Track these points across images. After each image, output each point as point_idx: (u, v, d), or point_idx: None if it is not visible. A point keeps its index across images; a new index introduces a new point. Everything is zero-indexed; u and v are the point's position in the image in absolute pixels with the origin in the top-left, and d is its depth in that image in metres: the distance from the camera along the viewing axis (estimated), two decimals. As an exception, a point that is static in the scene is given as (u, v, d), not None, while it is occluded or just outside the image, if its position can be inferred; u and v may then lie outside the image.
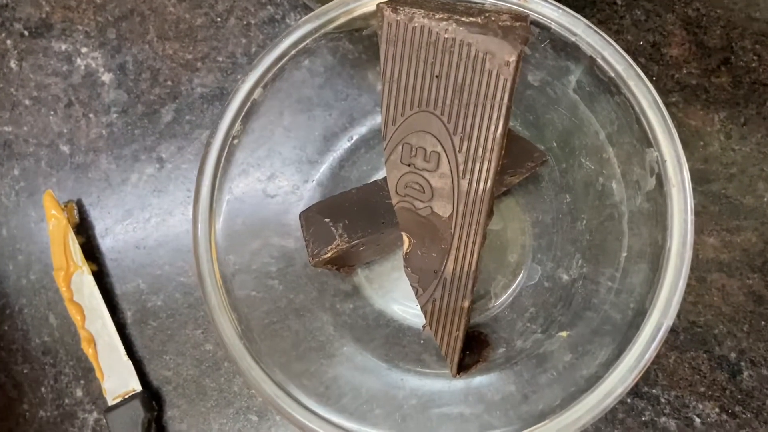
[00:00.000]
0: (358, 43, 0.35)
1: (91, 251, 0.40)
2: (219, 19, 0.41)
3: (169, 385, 0.39)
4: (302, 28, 0.30)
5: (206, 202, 0.30)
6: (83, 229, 0.41)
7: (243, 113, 0.31)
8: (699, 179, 0.36)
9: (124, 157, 0.41)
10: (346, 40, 0.34)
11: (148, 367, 0.39)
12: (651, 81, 0.37)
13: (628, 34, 0.38)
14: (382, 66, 0.28)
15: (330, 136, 0.38)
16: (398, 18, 0.27)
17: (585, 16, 0.38)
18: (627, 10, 0.38)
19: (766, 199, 0.36)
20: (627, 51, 0.37)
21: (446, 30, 0.26)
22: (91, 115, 0.42)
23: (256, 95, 0.31)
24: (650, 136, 0.27)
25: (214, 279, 0.29)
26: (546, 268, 0.36)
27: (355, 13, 0.31)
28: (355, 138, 0.39)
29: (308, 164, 0.38)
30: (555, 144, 0.35)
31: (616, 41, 0.38)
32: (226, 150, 0.30)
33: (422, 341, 0.36)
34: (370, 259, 0.38)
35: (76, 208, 0.41)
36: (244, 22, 0.41)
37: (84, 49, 0.43)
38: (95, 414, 0.39)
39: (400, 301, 0.37)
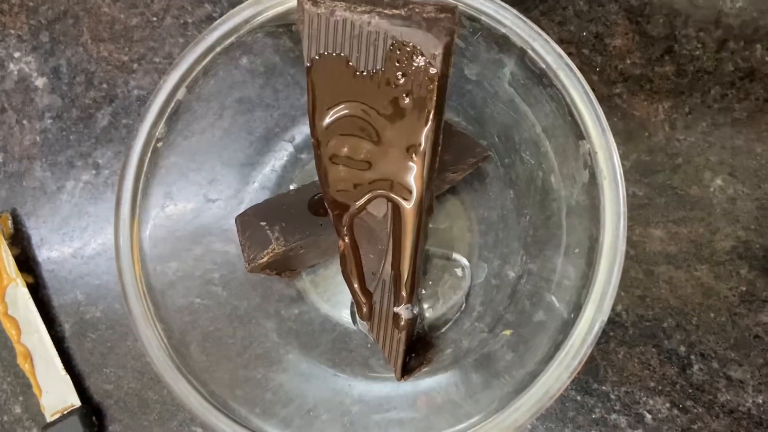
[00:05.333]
0: (299, 41, 0.34)
1: (27, 262, 0.39)
2: (155, 19, 0.40)
3: (111, 399, 0.37)
4: (227, 23, 0.29)
5: (128, 211, 0.29)
6: (18, 240, 0.39)
7: (167, 114, 0.30)
8: (644, 170, 0.36)
9: (60, 164, 0.39)
10: (286, 38, 0.33)
11: (88, 380, 0.38)
12: (594, 72, 0.37)
13: (570, 24, 0.37)
14: (305, 62, 0.27)
15: (271, 136, 0.37)
16: (319, 12, 0.26)
17: (527, 8, 0.38)
18: (569, 1, 0.37)
19: (712, 189, 0.35)
20: (570, 42, 0.37)
21: (369, 23, 0.25)
22: (24, 122, 0.40)
23: (180, 95, 0.29)
24: (582, 127, 0.26)
25: (137, 290, 0.28)
26: (493, 266, 0.35)
27: (285, 6, 0.30)
28: (297, 138, 0.38)
29: (249, 166, 0.37)
30: (497, 139, 0.34)
31: (558, 32, 0.37)
32: (149, 153, 0.29)
33: (369, 345, 0.36)
34: (314, 263, 0.37)
35: (10, 218, 0.39)
36: (181, 21, 0.40)
37: (16, 54, 0.41)
38: (35, 431, 0.38)
39: (346, 305, 0.36)
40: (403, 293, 0.30)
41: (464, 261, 0.36)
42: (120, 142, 0.39)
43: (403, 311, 0.30)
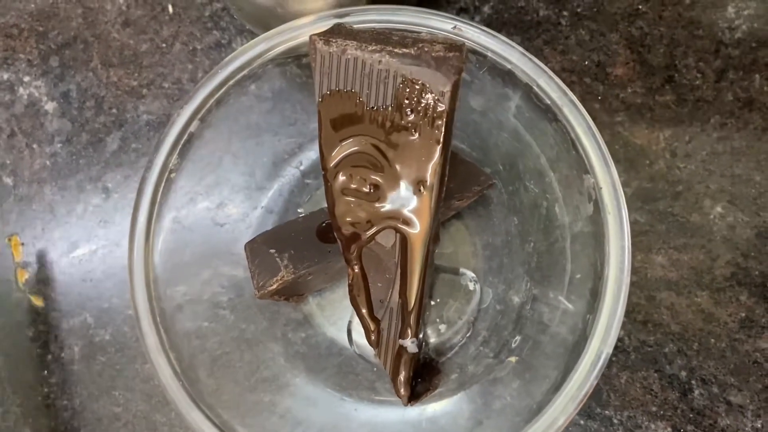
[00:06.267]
0: (306, 67, 0.34)
1: (36, 285, 0.39)
2: (164, 45, 0.41)
3: (119, 421, 0.38)
4: (239, 58, 0.30)
5: (141, 238, 0.29)
6: (28, 263, 0.40)
7: (180, 146, 0.30)
8: (645, 198, 0.36)
9: (69, 188, 0.40)
10: (293, 65, 0.34)
11: (96, 403, 0.38)
12: (596, 100, 0.38)
13: (573, 54, 0.38)
14: (317, 98, 0.28)
15: (279, 161, 0.38)
16: (330, 50, 0.26)
17: (530, 37, 0.39)
18: (572, 30, 0.38)
19: (712, 217, 0.36)
20: (572, 71, 0.38)
21: (379, 62, 0.26)
22: (34, 146, 0.41)
23: (193, 128, 0.30)
24: (586, 162, 0.27)
25: (149, 316, 0.29)
26: (497, 291, 0.36)
27: (296, 41, 0.30)
28: (304, 163, 0.38)
29: (257, 191, 0.38)
30: (501, 167, 0.35)
31: (561, 62, 0.38)
32: (163, 183, 0.30)
33: (375, 369, 0.36)
34: (321, 287, 0.37)
35: (20, 241, 0.39)
36: (190, 48, 0.41)
37: (26, 78, 0.42)
38: (43, 453, 0.38)
39: (358, 329, 0.37)
40: (410, 325, 0.30)
41: (472, 275, 0.36)
42: (129, 166, 0.40)
43: (409, 345, 0.30)
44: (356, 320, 0.37)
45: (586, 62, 0.38)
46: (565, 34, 0.38)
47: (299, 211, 0.38)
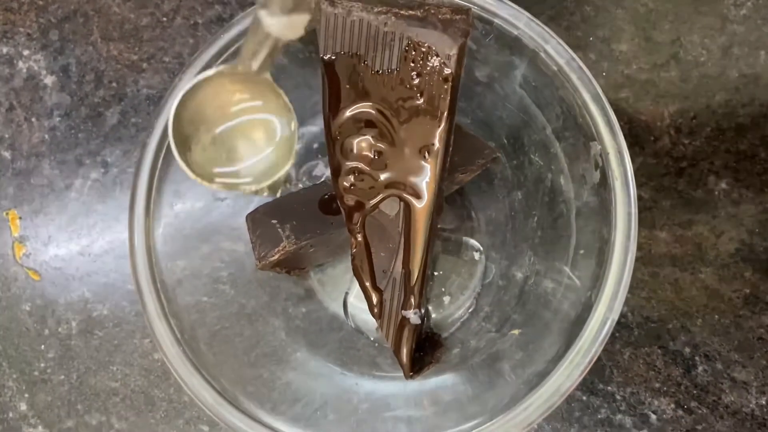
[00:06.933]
0: (309, 42, 0.34)
1: (34, 259, 0.39)
2: (165, 19, 0.40)
3: (117, 396, 0.37)
4: (240, 24, 0.30)
5: (142, 209, 0.29)
6: (25, 237, 0.39)
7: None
8: (650, 174, 0.36)
9: (68, 162, 0.40)
10: (296, 39, 0.34)
11: (94, 378, 0.38)
12: (601, 76, 0.37)
13: (578, 30, 0.38)
14: (321, 61, 0.27)
15: (280, 136, 0.37)
16: (336, 11, 0.26)
17: (535, 13, 0.38)
18: (577, 6, 0.38)
19: (716, 193, 0.36)
20: (577, 47, 0.37)
21: (385, 23, 0.26)
22: (33, 119, 0.40)
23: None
24: (593, 129, 0.27)
25: (151, 286, 0.28)
26: (500, 266, 0.36)
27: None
28: (306, 137, 0.38)
29: (258, 165, 0.37)
30: (506, 141, 0.35)
31: (566, 38, 0.38)
32: (163, 153, 0.29)
33: (376, 344, 0.36)
34: (323, 262, 0.37)
35: (18, 215, 0.39)
36: (191, 22, 0.40)
37: (26, 52, 0.41)
38: (40, 428, 0.38)
39: (354, 304, 0.37)
40: (413, 295, 0.30)
41: (477, 244, 0.36)
42: (129, 141, 0.40)
43: (411, 316, 0.30)
44: (353, 295, 0.37)
45: (591, 38, 0.38)
46: (570, 10, 0.38)
47: (299, 186, 0.38)
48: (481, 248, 0.36)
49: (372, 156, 0.28)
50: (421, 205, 0.29)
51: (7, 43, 0.41)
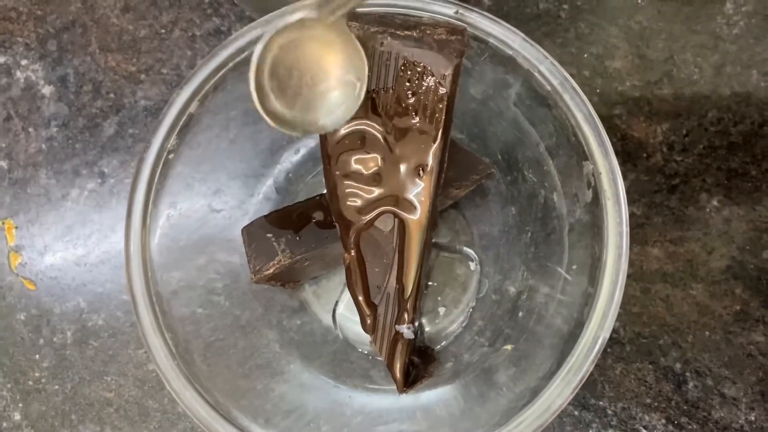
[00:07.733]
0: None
1: (29, 269, 0.39)
2: (163, 31, 0.41)
3: (111, 407, 0.37)
4: (239, 40, 0.30)
5: (138, 219, 0.29)
6: (21, 247, 0.39)
7: (179, 127, 0.30)
8: (643, 191, 0.36)
9: (65, 172, 0.40)
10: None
11: (89, 388, 0.38)
12: (595, 93, 0.38)
13: (572, 47, 0.38)
14: (318, 79, 0.27)
15: (277, 149, 0.38)
16: (332, 31, 0.26)
17: (530, 30, 0.39)
18: (571, 24, 0.38)
19: (708, 210, 0.36)
20: (571, 64, 0.38)
21: (381, 43, 0.26)
22: (30, 129, 0.40)
23: (192, 108, 0.30)
24: (586, 149, 0.27)
25: (146, 298, 0.28)
26: (493, 281, 0.36)
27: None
28: (302, 151, 0.38)
29: (254, 178, 0.38)
30: (500, 156, 0.35)
31: (560, 54, 0.38)
32: (161, 165, 0.30)
33: (370, 357, 0.36)
34: (317, 275, 0.37)
35: (14, 224, 0.39)
36: (189, 34, 0.41)
37: (24, 62, 0.41)
38: (33, 438, 0.38)
39: (343, 314, 0.37)
40: (407, 310, 0.30)
41: (472, 253, 0.36)
42: (126, 152, 0.40)
43: (405, 330, 0.30)
44: (342, 305, 0.37)
45: (585, 55, 0.38)
46: (564, 27, 0.38)
47: (296, 199, 0.38)
48: (476, 257, 0.36)
49: (367, 173, 0.28)
50: (416, 222, 0.29)
51: (5, 53, 0.42)
